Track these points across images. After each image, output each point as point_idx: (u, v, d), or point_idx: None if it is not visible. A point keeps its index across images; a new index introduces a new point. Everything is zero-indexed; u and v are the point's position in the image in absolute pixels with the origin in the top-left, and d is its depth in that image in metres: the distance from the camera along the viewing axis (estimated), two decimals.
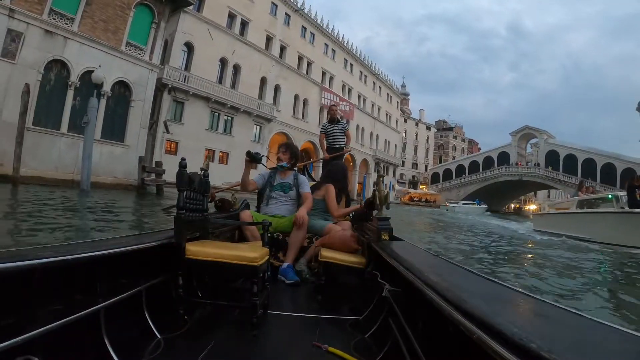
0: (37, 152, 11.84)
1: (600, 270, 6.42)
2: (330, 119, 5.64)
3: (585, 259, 7.41)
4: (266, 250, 2.07)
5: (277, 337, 1.89)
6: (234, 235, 3.23)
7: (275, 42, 30.68)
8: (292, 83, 32.51)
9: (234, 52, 26.45)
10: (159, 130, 19.78)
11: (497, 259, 7.12)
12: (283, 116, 30.74)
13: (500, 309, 0.89)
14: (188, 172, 1.98)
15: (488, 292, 1.11)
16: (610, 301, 4.26)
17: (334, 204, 3.41)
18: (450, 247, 8.62)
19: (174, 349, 1.57)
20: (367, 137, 44.08)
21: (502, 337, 0.67)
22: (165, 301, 1.83)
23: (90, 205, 8.79)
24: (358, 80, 42.88)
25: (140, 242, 1.60)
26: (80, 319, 1.24)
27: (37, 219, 6.00)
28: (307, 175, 4.49)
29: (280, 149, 3.50)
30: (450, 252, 7.36)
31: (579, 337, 0.73)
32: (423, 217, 21.63)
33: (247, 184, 3.32)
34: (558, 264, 6.51)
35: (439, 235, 11.24)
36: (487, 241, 10.41)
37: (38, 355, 1.05)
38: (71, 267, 1.18)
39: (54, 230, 5.19)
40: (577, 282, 5.13)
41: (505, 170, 50.26)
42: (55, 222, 5.94)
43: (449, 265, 1.60)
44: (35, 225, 5.38)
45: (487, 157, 56.24)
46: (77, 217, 7.07)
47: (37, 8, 12.24)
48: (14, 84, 11.56)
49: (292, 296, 2.65)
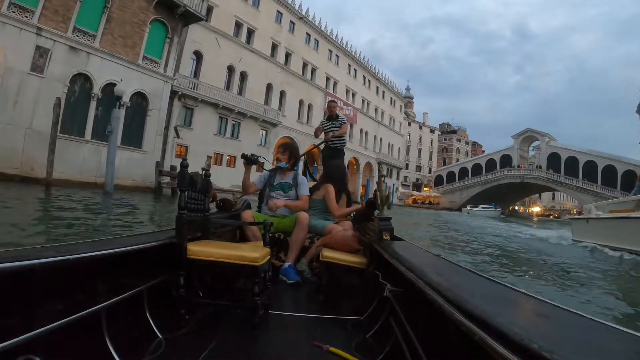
0: (64, 158, 12.83)
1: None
2: (329, 116, 5.57)
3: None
4: (267, 250, 2.10)
5: (279, 337, 1.91)
6: (235, 235, 3.26)
7: (281, 49, 31.64)
8: (297, 89, 33.45)
9: (240, 60, 27.43)
10: (170, 135, 20.82)
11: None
12: (288, 121, 31.63)
13: (502, 310, 0.89)
14: (190, 172, 1.99)
15: (489, 292, 1.11)
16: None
17: (334, 204, 3.45)
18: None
19: (175, 348, 1.59)
20: (370, 140, 44.89)
21: (504, 338, 0.67)
22: (166, 301, 1.84)
23: (134, 205, 10.05)
24: (362, 85, 43.78)
25: (141, 242, 1.62)
26: (81, 319, 1.26)
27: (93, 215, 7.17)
28: (309, 176, 4.52)
29: (279, 149, 3.54)
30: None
31: (580, 338, 0.72)
32: (444, 228, 16.51)
33: (248, 186, 3.35)
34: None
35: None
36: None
37: (39, 355, 1.06)
38: (72, 267, 1.18)
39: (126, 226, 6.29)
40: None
41: (507, 173, 51.22)
42: (117, 219, 7.15)
43: (451, 265, 1.59)
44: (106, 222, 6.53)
45: (490, 159, 57.17)
46: (124, 214, 8.31)
47: (62, 26, 13.36)
48: (43, 96, 12.68)
49: (293, 296, 2.66)
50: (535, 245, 10.78)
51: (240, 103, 26.83)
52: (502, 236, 13.47)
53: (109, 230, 5.89)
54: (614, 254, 8.12)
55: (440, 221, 20.65)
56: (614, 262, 7.40)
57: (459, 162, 64.97)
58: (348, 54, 40.82)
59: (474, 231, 14.82)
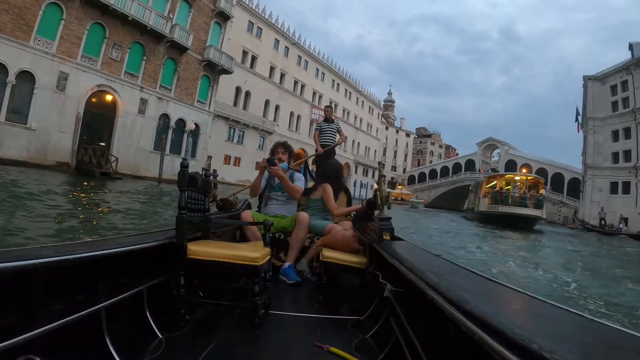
0: (155, 164, 21.28)
1: None
2: (325, 119, 5.84)
3: None
4: (268, 250, 2.13)
5: (279, 337, 1.92)
6: (235, 235, 3.29)
7: (277, 71, 39.76)
8: (289, 103, 41.62)
9: (245, 82, 35.65)
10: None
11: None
12: (281, 129, 39.61)
13: (502, 309, 0.90)
14: (190, 172, 2.04)
15: (489, 292, 1.14)
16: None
17: (332, 203, 3.39)
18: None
19: (175, 348, 1.60)
20: (349, 144, 53.25)
21: (504, 337, 0.67)
22: (166, 301, 1.85)
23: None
24: (343, 97, 52.37)
25: (141, 241, 1.64)
26: (81, 319, 1.27)
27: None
28: (309, 176, 4.59)
29: (278, 149, 3.54)
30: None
31: (580, 338, 0.73)
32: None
33: (258, 188, 3.43)
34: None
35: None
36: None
37: (39, 355, 1.07)
38: (72, 266, 1.19)
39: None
40: None
41: (469, 175, 55.99)
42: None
43: (451, 265, 1.61)
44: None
45: (456, 163, 63.94)
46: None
47: (153, 85, 21.97)
48: (145, 128, 21.62)
49: (293, 296, 2.68)
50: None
51: (245, 116, 34.94)
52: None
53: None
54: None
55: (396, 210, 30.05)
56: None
57: (431, 163, 72.19)
58: (332, 70, 49.21)
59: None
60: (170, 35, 22.10)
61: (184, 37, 23.03)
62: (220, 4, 25.74)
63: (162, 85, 22.95)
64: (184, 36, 23.03)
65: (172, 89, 23.58)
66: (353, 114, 55.43)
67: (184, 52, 23.71)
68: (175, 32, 22.33)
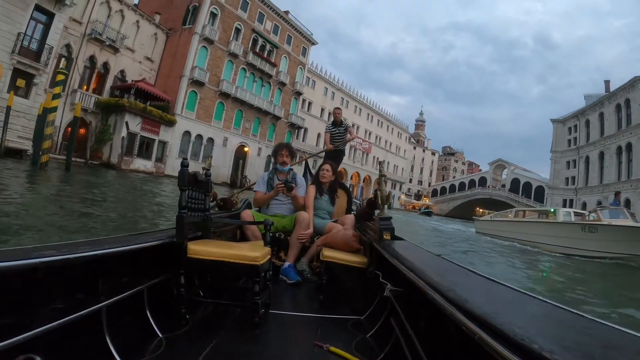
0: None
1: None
2: (334, 121, 6.43)
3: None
4: (268, 250, 2.21)
5: (279, 336, 2.01)
6: (235, 234, 3.43)
7: (326, 111, 58.25)
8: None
9: (304, 122, 53.89)
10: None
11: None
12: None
13: (502, 309, 0.93)
14: (191, 171, 2.10)
15: (490, 292, 1.18)
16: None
17: (302, 201, 3.60)
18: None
19: (175, 348, 1.69)
20: (371, 158, 71.35)
21: (504, 338, 0.71)
22: (167, 300, 1.94)
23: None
24: (376, 126, 70.03)
25: (142, 241, 1.70)
26: (82, 318, 1.33)
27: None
28: (310, 176, 4.81)
29: (282, 151, 3.70)
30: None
31: (580, 338, 0.76)
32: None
33: (265, 203, 3.63)
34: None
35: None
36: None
37: (40, 354, 1.13)
38: (73, 266, 1.25)
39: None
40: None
41: (481, 191, 69.14)
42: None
43: (451, 265, 1.66)
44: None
45: (472, 179, 77.43)
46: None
47: (263, 139, 42.49)
48: (260, 163, 42.69)
49: (293, 296, 2.81)
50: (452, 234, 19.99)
51: (304, 146, 52.47)
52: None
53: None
54: (501, 242, 15.80)
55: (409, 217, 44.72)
56: (501, 245, 14.32)
57: (453, 179, 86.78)
58: (367, 106, 67.55)
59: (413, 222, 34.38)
60: (272, 112, 42.50)
61: (279, 112, 43.33)
62: (297, 87, 46.61)
63: (268, 139, 43.52)
64: (278, 111, 43.35)
65: (272, 140, 43.95)
66: (384, 140, 73.23)
67: (279, 119, 44.02)
68: (275, 109, 42.64)
